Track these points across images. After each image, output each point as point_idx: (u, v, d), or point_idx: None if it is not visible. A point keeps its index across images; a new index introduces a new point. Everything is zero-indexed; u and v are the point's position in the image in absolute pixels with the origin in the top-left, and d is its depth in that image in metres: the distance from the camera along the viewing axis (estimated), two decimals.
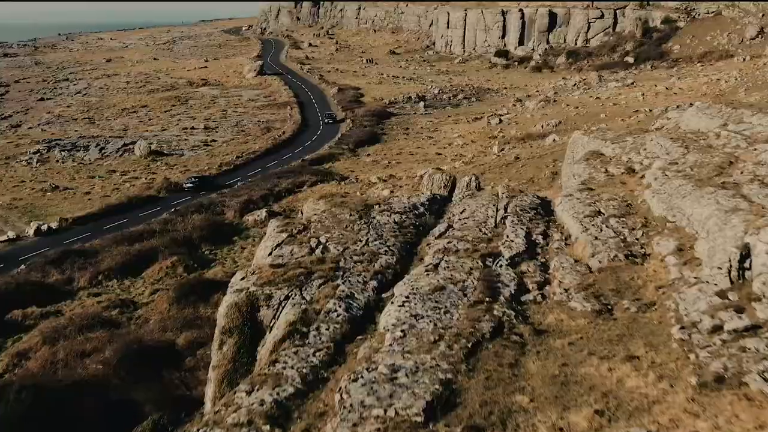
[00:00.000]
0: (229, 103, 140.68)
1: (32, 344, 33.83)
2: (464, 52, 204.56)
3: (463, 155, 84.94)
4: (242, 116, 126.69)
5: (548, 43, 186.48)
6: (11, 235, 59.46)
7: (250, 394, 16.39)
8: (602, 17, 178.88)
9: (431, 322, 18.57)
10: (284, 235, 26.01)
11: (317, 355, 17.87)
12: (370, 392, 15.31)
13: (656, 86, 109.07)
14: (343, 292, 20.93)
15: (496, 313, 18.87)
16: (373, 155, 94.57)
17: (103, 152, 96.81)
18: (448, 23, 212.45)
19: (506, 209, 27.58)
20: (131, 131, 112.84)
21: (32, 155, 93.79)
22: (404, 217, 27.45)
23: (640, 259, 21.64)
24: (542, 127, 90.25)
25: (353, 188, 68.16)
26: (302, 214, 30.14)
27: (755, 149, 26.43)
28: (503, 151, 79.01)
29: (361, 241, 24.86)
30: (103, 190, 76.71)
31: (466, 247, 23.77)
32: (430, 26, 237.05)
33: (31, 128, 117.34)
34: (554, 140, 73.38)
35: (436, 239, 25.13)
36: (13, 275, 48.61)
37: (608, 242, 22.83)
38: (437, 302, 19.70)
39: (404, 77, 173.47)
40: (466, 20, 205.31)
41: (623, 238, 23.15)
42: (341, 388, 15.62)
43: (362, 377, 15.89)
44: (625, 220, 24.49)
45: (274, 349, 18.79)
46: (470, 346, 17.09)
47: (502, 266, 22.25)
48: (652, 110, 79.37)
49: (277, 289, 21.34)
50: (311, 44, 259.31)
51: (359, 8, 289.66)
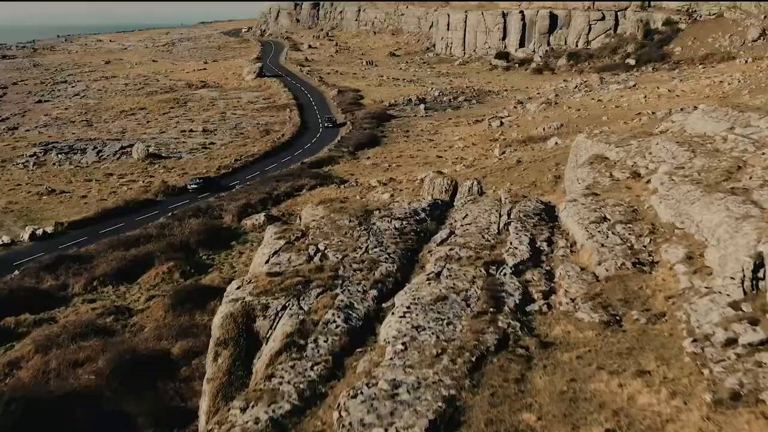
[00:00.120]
0: (228, 105, 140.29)
1: (24, 353, 33.10)
2: (464, 54, 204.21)
3: (464, 158, 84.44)
4: (241, 119, 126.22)
5: (549, 44, 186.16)
6: (6, 239, 58.73)
7: (244, 411, 15.80)
8: (603, 19, 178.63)
9: (433, 334, 17.92)
10: (282, 242, 25.41)
11: (315, 369, 17.20)
12: (370, 410, 14.70)
13: (658, 88, 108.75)
14: (342, 302, 20.26)
15: (500, 324, 18.25)
16: (373, 158, 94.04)
17: (100, 155, 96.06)
18: (448, 25, 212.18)
19: (509, 215, 26.93)
20: (129, 134, 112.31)
21: (29, 158, 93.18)
22: (405, 223, 26.82)
23: (648, 267, 21.05)
24: (544, 129, 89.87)
25: (353, 192, 67.60)
26: (300, 219, 29.53)
27: (763, 153, 25.86)
28: (504, 154, 78.59)
29: (360, 248, 24.22)
30: (99, 193, 76.08)
31: (468, 254, 23.14)
32: (430, 28, 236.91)
33: (28, 131, 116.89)
34: (556, 143, 72.89)
35: (437, 246, 24.49)
36: (6, 281, 47.78)
37: (615, 249, 22.23)
38: (439, 313, 19.05)
39: (404, 79, 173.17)
40: (466, 22, 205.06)
41: (630, 245, 22.55)
42: (340, 405, 15.00)
43: (362, 393, 15.27)
44: (631, 226, 23.91)
45: (270, 362, 18.13)
46: (474, 360, 16.46)
47: (506, 274, 21.66)
48: (654, 113, 78.99)
49: (273, 298, 20.68)
50: (311, 46, 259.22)
51: (359, 10, 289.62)
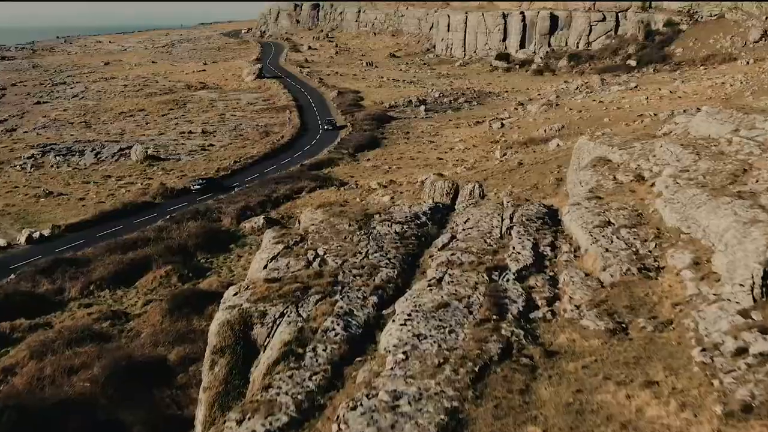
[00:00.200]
0: (227, 106, 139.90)
1: (19, 359, 32.66)
2: (465, 55, 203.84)
3: (464, 160, 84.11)
4: (240, 120, 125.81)
5: (550, 46, 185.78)
6: (2, 242, 58.28)
7: (240, 423, 15.41)
8: (604, 20, 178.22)
9: (435, 342, 17.46)
10: (280, 246, 25.01)
11: (313, 379, 16.74)
12: (370, 422, 14.27)
13: (660, 90, 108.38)
14: (341, 308, 19.81)
15: (504, 332, 17.79)
16: (373, 160, 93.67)
17: (98, 157, 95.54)
18: (448, 26, 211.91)
19: (512, 219, 26.50)
20: (128, 135, 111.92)
21: (26, 160, 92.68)
22: (406, 227, 26.39)
23: (653, 272, 20.60)
24: (545, 131, 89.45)
25: (353, 194, 67.24)
26: (299, 223, 29.16)
27: None
28: (505, 156, 78.29)
29: (360, 253, 23.79)
30: (97, 195, 75.58)
31: (470, 259, 22.70)
32: (430, 29, 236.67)
33: (26, 132, 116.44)
34: (558, 145, 72.54)
35: (439, 251, 24.06)
36: (2, 285, 47.38)
37: (620, 254, 21.79)
38: (441, 320, 18.59)
39: (404, 80, 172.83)
40: (466, 23, 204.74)
41: (635, 250, 22.11)
42: (339, 417, 14.57)
43: (362, 405, 14.84)
44: (636, 230, 23.47)
45: (267, 371, 17.67)
46: (477, 370, 16.03)
47: (508, 280, 21.22)
48: (656, 114, 78.58)
49: (271, 305, 20.25)
50: (311, 47, 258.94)
51: (359, 11, 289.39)
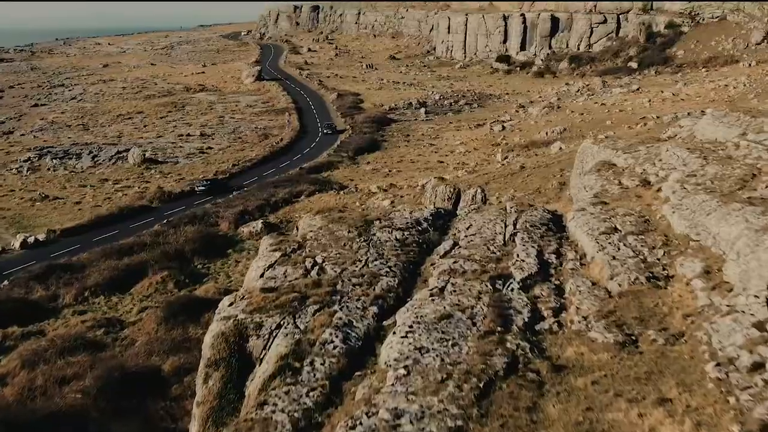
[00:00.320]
0: (226, 109, 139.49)
1: (10, 368, 31.96)
2: (465, 57, 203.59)
3: (465, 163, 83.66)
4: (239, 123, 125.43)
5: (550, 48, 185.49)
6: None
7: None
8: (605, 22, 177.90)
9: (438, 356, 16.79)
10: (278, 254, 24.51)
11: (311, 395, 16.13)
12: None
13: (662, 92, 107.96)
14: (340, 320, 19.21)
15: (509, 345, 17.17)
16: (373, 163, 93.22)
17: (95, 160, 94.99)
18: (448, 28, 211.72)
19: (515, 225, 25.99)
20: (126, 138, 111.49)
21: (23, 163, 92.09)
22: (406, 233, 25.87)
23: (663, 281, 19.98)
24: (546, 134, 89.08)
25: (352, 198, 66.76)
26: (297, 230, 28.63)
27: None
28: (507, 159, 77.95)
29: (360, 261, 23.24)
30: (94, 199, 74.96)
31: (473, 267, 22.12)
32: (430, 31, 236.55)
33: (23, 135, 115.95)
34: (560, 148, 72.14)
35: (441, 258, 23.50)
36: None
37: (627, 263, 21.21)
38: (444, 333, 17.93)
39: (404, 83, 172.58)
40: (467, 25, 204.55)
41: (643, 258, 21.54)
42: None
43: (361, 424, 14.23)
44: (643, 237, 22.91)
45: (263, 387, 17.10)
46: (482, 386, 15.37)
47: (513, 290, 20.64)
48: (659, 117, 78.05)
49: (268, 316, 19.67)
50: (310, 49, 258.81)
51: (359, 13, 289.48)
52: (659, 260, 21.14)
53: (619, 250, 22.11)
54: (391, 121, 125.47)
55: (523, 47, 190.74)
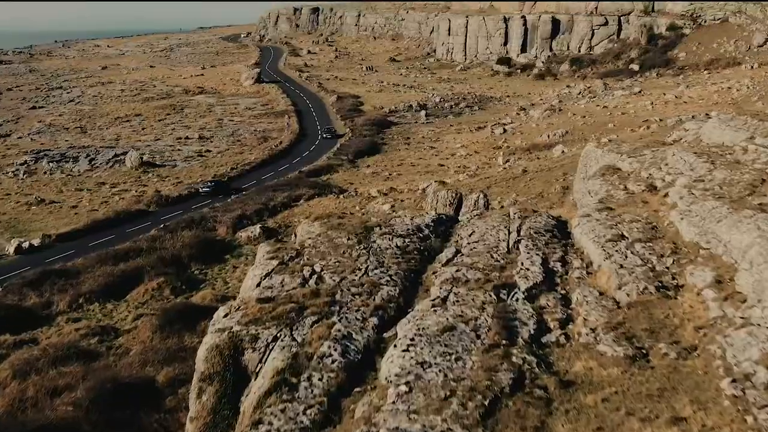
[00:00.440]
0: (225, 111, 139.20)
1: (1, 379, 31.18)
2: (466, 59, 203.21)
3: (466, 167, 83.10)
4: (238, 125, 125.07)
5: (551, 50, 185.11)
6: None
7: None
8: (606, 24, 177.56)
9: (441, 371, 16.04)
10: (275, 262, 23.81)
11: (308, 413, 15.45)
12: None
13: (664, 95, 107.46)
14: (339, 331, 18.46)
15: (515, 360, 16.40)
16: (373, 166, 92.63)
17: (92, 163, 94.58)
18: (449, 30, 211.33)
19: (519, 232, 25.22)
20: (123, 141, 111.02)
21: (19, 166, 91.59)
22: (407, 240, 25.14)
23: (672, 291, 19.18)
24: (548, 137, 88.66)
25: (352, 202, 66.23)
26: (295, 236, 28.02)
27: None
28: (509, 162, 77.48)
29: (360, 269, 22.52)
30: (90, 203, 74.38)
31: (477, 276, 21.35)
32: (430, 33, 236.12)
33: (20, 138, 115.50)
34: (563, 152, 71.65)
35: (443, 267, 22.75)
36: None
37: (635, 271, 20.41)
38: (447, 346, 17.16)
39: (405, 85, 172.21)
40: (467, 27, 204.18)
41: (652, 266, 20.72)
42: None
43: None
44: (651, 245, 22.11)
45: (258, 404, 16.38)
46: (487, 404, 14.65)
47: (518, 300, 19.84)
48: (662, 120, 77.61)
49: (264, 328, 18.94)
50: (310, 51, 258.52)
51: (359, 15, 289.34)
52: (668, 269, 20.39)
53: (626, 258, 21.34)
54: (391, 123, 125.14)
55: (523, 49, 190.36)
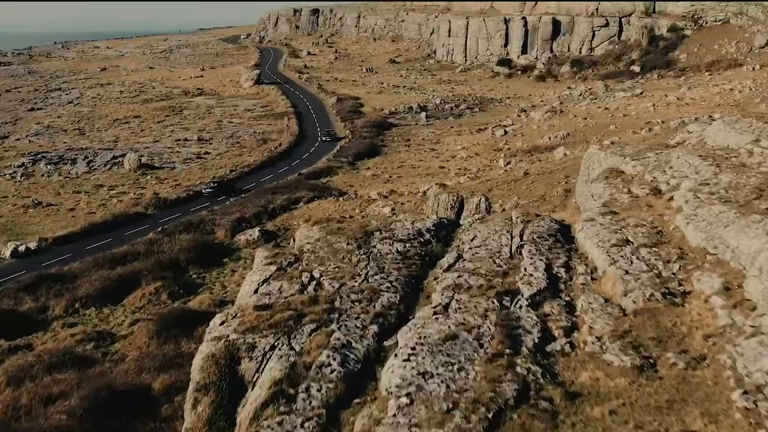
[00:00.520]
0: (224, 113, 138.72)
1: None
2: (466, 60, 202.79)
3: (467, 169, 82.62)
4: (238, 127, 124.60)
5: (552, 51, 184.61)
6: None
7: None
8: (607, 25, 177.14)
9: (443, 382, 15.60)
10: (273, 268, 23.40)
11: (306, 426, 15.02)
12: None
13: (666, 96, 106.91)
14: (338, 340, 18.01)
15: (519, 370, 15.97)
16: (373, 169, 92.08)
17: (91, 165, 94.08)
18: (449, 31, 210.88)
19: (522, 236, 24.78)
20: (122, 143, 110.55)
21: (16, 169, 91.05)
22: (408, 245, 24.72)
23: (679, 298, 18.72)
24: (549, 139, 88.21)
25: (352, 205, 65.70)
26: (294, 241, 27.51)
27: None
28: (510, 164, 77.04)
29: (359, 275, 22.09)
30: (88, 206, 73.80)
31: (479, 282, 20.91)
32: (431, 35, 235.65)
33: (18, 140, 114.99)
34: (565, 154, 71.27)
35: (444, 272, 22.31)
36: None
37: (641, 277, 19.99)
38: (449, 355, 16.72)
39: (405, 86, 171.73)
40: (467, 28, 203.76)
41: (658, 272, 20.30)
42: None
43: None
44: (657, 250, 21.68)
45: (254, 416, 15.98)
46: (491, 416, 14.25)
47: (521, 307, 19.42)
48: (664, 122, 77.15)
49: (261, 336, 18.50)
50: (310, 53, 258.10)
51: (359, 16, 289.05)
52: (674, 275, 19.96)
53: (631, 263, 20.91)
54: (391, 125, 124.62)
55: (524, 51, 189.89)
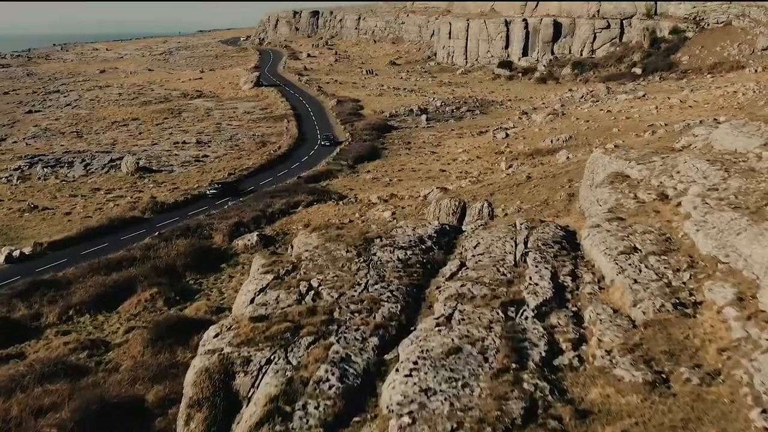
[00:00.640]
0: (223, 115, 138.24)
1: None
2: (467, 62, 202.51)
3: (468, 172, 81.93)
4: (237, 130, 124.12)
5: (553, 53, 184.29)
6: None
7: None
8: (608, 27, 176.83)
9: (446, 400, 14.84)
10: (270, 276, 22.67)
11: None
12: None
13: (669, 99, 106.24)
14: (337, 353, 17.24)
15: (526, 386, 15.20)
16: (373, 172, 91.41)
17: (88, 168, 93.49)
18: (450, 33, 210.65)
19: (526, 243, 24.04)
20: (120, 146, 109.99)
21: (12, 172, 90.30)
22: (409, 253, 24.00)
23: (691, 309, 17.95)
24: (551, 141, 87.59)
25: (352, 209, 65.04)
26: (292, 248, 26.77)
27: None
28: (511, 167, 76.49)
29: (359, 284, 21.35)
30: (85, 210, 73.05)
31: (483, 292, 20.16)
32: (431, 36, 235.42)
33: (15, 142, 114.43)
34: (567, 158, 70.74)
35: (447, 281, 21.57)
36: None
37: (650, 287, 19.22)
38: (453, 370, 15.94)
39: (405, 89, 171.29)
40: (468, 30, 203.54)
41: (668, 281, 19.53)
42: None
43: None
44: (666, 258, 20.91)
45: None
46: None
47: (527, 318, 18.65)
48: (667, 125, 76.55)
49: (257, 350, 17.71)
50: (310, 55, 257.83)
51: (359, 18, 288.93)
52: (685, 284, 19.22)
53: (640, 272, 20.16)
54: (391, 128, 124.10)
55: (525, 53, 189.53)
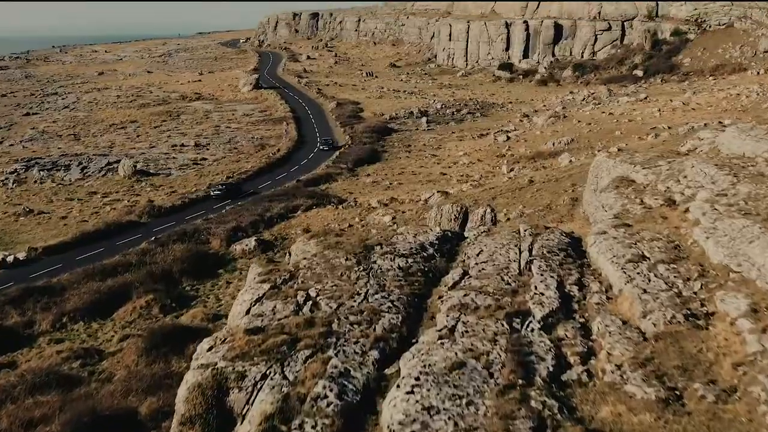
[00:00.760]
0: (222, 118, 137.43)
1: None
2: (467, 65, 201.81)
3: (470, 176, 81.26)
4: (235, 132, 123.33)
5: (554, 55, 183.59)
6: None
7: None
8: (609, 29, 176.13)
9: (450, 419, 14.16)
10: (266, 286, 22.00)
11: None
12: None
13: (671, 101, 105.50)
14: (335, 368, 16.54)
15: (533, 404, 14.52)
16: (373, 175, 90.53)
17: (85, 172, 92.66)
18: (450, 35, 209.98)
19: (531, 251, 23.39)
20: (117, 148, 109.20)
21: (8, 175, 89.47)
22: (410, 260, 23.32)
23: (703, 320, 17.33)
24: (553, 144, 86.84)
25: (351, 213, 64.35)
26: (290, 256, 26.10)
27: None
28: (513, 171, 75.80)
29: (359, 294, 20.64)
30: (81, 214, 72.28)
31: (487, 302, 19.50)
32: (431, 38, 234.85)
33: (12, 145, 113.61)
34: (570, 161, 70.09)
35: (449, 291, 20.90)
36: None
37: (660, 297, 18.60)
38: (456, 387, 15.27)
39: (405, 91, 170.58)
40: (468, 32, 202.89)
41: (678, 291, 18.93)
42: None
43: None
44: (676, 267, 20.33)
45: None
46: None
47: (533, 330, 17.99)
48: (671, 128, 75.89)
49: (252, 364, 17.01)
50: (309, 57, 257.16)
51: (359, 20, 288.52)
52: (696, 294, 18.61)
53: (649, 281, 19.54)
54: (391, 130, 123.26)
55: (525, 55, 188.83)
